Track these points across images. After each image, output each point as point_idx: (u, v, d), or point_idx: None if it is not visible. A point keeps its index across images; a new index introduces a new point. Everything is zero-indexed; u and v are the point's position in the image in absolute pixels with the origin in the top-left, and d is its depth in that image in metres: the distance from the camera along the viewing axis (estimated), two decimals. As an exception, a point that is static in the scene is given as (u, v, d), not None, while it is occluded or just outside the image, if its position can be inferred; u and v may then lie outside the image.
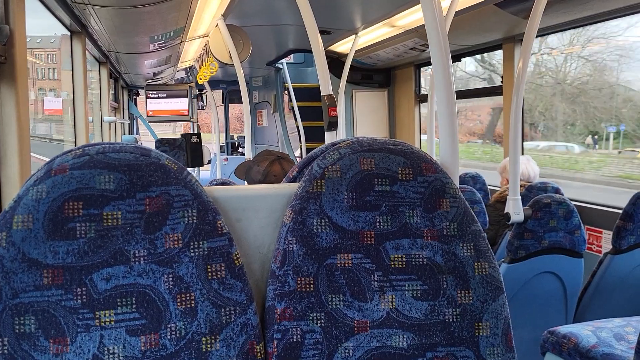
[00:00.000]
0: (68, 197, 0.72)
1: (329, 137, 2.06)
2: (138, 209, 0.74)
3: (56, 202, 0.71)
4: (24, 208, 0.70)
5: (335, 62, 5.00)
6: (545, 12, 2.22)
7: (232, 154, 8.49)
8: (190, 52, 4.86)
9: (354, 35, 4.17)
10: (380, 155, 0.84)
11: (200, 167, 6.15)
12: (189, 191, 0.77)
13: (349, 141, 0.87)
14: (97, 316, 0.72)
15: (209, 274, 0.76)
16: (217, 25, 3.39)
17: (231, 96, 8.81)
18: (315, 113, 5.98)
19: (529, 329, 2.14)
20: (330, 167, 0.83)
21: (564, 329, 1.75)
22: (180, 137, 6.15)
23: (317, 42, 1.88)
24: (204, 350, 0.74)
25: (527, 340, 2.11)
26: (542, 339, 1.81)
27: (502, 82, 3.65)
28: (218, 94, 8.97)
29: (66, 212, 0.71)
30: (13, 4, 1.56)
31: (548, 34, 3.23)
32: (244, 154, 8.35)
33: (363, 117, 5.33)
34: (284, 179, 0.94)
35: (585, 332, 1.70)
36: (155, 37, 3.24)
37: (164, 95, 6.93)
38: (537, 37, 2.29)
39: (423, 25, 3.47)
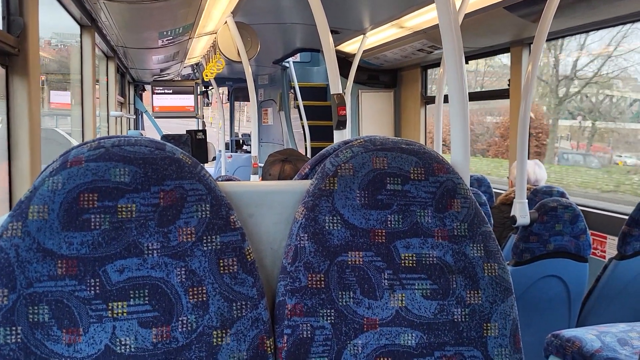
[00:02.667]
0: (83, 189, 0.72)
1: (338, 136, 2.06)
2: (152, 202, 0.75)
3: (71, 194, 0.72)
4: (40, 198, 0.71)
5: (342, 62, 4.98)
6: (554, 16, 2.22)
7: (236, 151, 8.50)
8: (197, 48, 4.87)
9: (361, 36, 4.17)
10: (393, 155, 0.85)
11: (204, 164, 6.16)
12: (202, 186, 0.77)
13: (361, 140, 0.87)
14: (110, 307, 0.72)
15: (221, 269, 0.77)
16: (225, 22, 3.39)
17: (236, 94, 8.81)
18: (321, 112, 5.98)
19: (532, 332, 2.14)
20: (343, 165, 0.83)
21: (568, 332, 1.75)
22: (185, 133, 6.17)
23: (328, 42, 1.89)
24: (215, 343, 0.75)
25: (530, 343, 2.11)
26: (546, 342, 1.82)
27: (508, 85, 3.65)
28: (223, 91, 8.98)
29: (81, 204, 0.72)
30: None
31: (557, 38, 3.23)
32: (247, 152, 8.37)
33: (368, 118, 5.33)
34: (295, 176, 0.94)
35: (589, 336, 1.70)
36: (164, 32, 3.25)
37: (170, 91, 6.94)
38: (546, 41, 2.29)
39: (432, 26, 3.44)
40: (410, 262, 0.83)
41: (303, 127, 5.58)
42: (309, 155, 5.43)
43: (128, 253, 0.73)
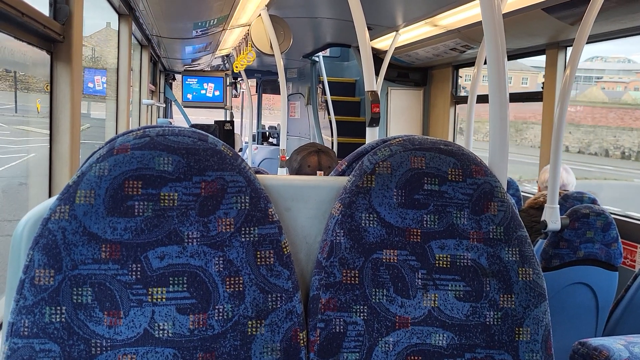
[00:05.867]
0: (128, 176, 0.74)
1: (370, 133, 2.06)
2: (194, 191, 0.76)
3: (117, 180, 0.74)
4: (87, 184, 0.73)
5: (373, 58, 4.97)
6: (595, 20, 2.17)
7: (262, 144, 8.56)
8: (229, 40, 4.91)
9: (394, 33, 4.14)
10: (431, 155, 0.85)
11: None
12: (243, 178, 0.78)
13: (400, 138, 0.87)
14: (150, 292, 0.74)
15: (258, 260, 0.78)
16: (259, 15, 3.41)
17: (264, 86, 8.87)
18: (348, 108, 5.97)
19: (557, 339, 2.11)
20: (381, 163, 0.83)
21: (595, 341, 1.72)
22: (213, 123, 6.23)
23: (364, 38, 1.89)
24: (249, 333, 0.76)
25: (555, 349, 2.09)
26: (572, 350, 1.79)
27: (542, 88, 3.59)
28: (252, 83, 9.03)
29: (126, 190, 0.74)
30: None
31: (595, 42, 3.17)
32: (273, 144, 8.41)
33: (397, 116, 5.31)
34: (332, 172, 0.95)
35: (617, 345, 1.67)
36: (199, 23, 3.29)
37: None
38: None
39: (466, 26, 3.39)
40: (445, 262, 0.83)
41: (330, 121, 5.59)
42: (335, 150, 5.43)
43: (169, 240, 0.75)
